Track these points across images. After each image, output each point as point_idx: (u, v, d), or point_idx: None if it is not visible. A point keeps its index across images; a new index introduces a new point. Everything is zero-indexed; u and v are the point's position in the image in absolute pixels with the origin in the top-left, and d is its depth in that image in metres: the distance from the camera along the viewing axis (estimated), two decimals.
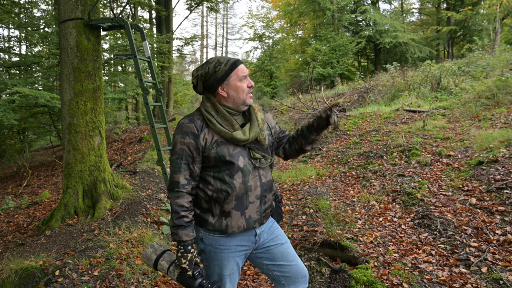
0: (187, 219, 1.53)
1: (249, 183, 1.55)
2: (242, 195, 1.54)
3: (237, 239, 1.61)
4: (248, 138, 1.54)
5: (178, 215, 1.51)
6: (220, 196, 1.53)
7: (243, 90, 1.56)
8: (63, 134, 4.40)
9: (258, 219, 1.60)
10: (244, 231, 1.60)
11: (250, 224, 1.58)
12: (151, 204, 4.62)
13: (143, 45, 4.19)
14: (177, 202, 1.52)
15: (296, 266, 1.71)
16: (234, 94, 1.56)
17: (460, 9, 19.82)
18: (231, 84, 1.56)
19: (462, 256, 2.79)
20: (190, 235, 1.53)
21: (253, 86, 1.60)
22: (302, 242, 3.35)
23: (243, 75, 1.56)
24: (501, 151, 4.48)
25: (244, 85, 1.57)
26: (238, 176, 1.53)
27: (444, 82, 10.11)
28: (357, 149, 6.49)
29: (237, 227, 1.56)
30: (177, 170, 1.54)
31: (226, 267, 1.61)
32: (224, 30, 40.17)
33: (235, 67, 1.55)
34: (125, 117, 13.64)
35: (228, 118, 1.55)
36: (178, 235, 1.51)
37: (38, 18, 10.18)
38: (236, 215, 1.55)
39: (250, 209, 1.57)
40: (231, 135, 1.52)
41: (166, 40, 13.63)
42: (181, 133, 1.54)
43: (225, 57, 1.58)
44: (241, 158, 1.54)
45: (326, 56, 20.11)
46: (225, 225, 1.56)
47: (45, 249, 3.44)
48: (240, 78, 1.56)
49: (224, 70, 1.54)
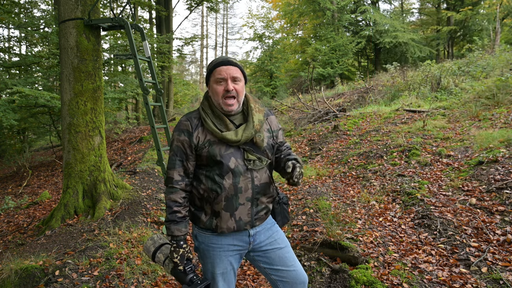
0: (179, 214, 1.55)
1: (240, 184, 1.53)
2: (231, 196, 1.53)
3: (229, 238, 1.61)
4: (239, 140, 1.53)
5: (171, 210, 1.54)
6: (210, 195, 1.54)
7: (217, 93, 1.54)
8: (63, 134, 4.40)
9: (249, 222, 1.59)
10: (235, 232, 1.60)
11: (240, 226, 1.57)
12: (151, 204, 4.62)
13: (143, 45, 4.19)
14: (170, 198, 1.55)
15: (294, 272, 1.68)
16: (212, 95, 1.58)
17: (460, 9, 19.82)
18: (211, 84, 1.58)
19: (462, 256, 2.79)
20: (182, 231, 1.55)
21: (230, 91, 1.52)
22: (302, 242, 3.35)
23: (220, 78, 1.53)
24: (501, 151, 4.48)
25: (219, 88, 1.53)
26: (228, 176, 1.52)
27: (444, 82, 10.11)
28: (357, 149, 6.49)
29: (226, 228, 1.56)
30: (172, 166, 1.57)
31: (219, 265, 1.61)
32: (224, 30, 40.18)
33: (215, 68, 1.55)
34: (125, 117, 13.64)
35: (222, 117, 1.55)
36: (170, 229, 1.54)
37: (38, 18, 10.18)
38: (226, 216, 1.55)
39: (240, 211, 1.56)
40: (221, 135, 1.52)
41: (166, 40, 13.63)
42: (177, 131, 1.58)
43: (221, 57, 1.59)
44: (233, 159, 1.53)
45: (326, 56, 20.12)
46: (215, 225, 1.57)
47: (45, 249, 3.44)
48: (216, 80, 1.54)
49: (208, 69, 1.58)
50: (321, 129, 8.81)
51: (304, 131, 9.20)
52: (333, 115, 9.90)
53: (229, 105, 1.54)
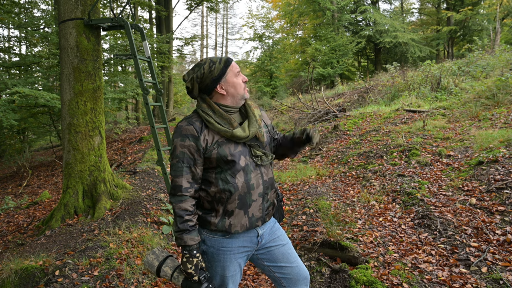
0: (191, 223, 1.50)
1: (251, 181, 1.55)
2: (245, 194, 1.54)
3: (239, 240, 1.60)
4: (248, 135, 1.55)
5: (183, 220, 1.49)
6: (223, 196, 1.52)
7: (240, 85, 1.59)
8: (63, 134, 4.40)
9: (261, 217, 1.60)
10: (246, 231, 1.59)
11: (252, 222, 1.58)
12: (151, 204, 4.62)
13: (143, 45, 4.19)
14: (180, 206, 1.49)
15: (297, 267, 1.71)
16: (233, 90, 1.59)
17: (460, 9, 19.84)
18: (228, 81, 1.57)
19: (462, 256, 2.79)
20: (195, 239, 1.50)
21: (247, 81, 1.64)
22: (302, 242, 3.35)
23: (238, 71, 1.60)
24: (501, 151, 4.48)
25: (240, 80, 1.60)
26: (240, 175, 1.52)
27: (444, 82, 10.11)
28: (357, 149, 6.49)
29: (240, 226, 1.55)
30: (179, 173, 1.51)
31: (229, 268, 1.60)
32: (224, 30, 40.22)
33: (229, 63, 1.58)
34: (125, 117, 13.64)
35: (226, 116, 1.55)
36: (183, 239, 1.48)
37: (38, 18, 10.17)
38: (240, 213, 1.54)
39: (253, 208, 1.57)
40: (231, 133, 1.52)
41: (166, 40, 13.63)
42: (180, 136, 1.52)
43: (216, 56, 1.60)
44: (243, 157, 1.54)
45: (326, 56, 20.12)
46: (228, 225, 1.55)
47: (45, 249, 3.44)
48: (235, 74, 1.59)
49: (220, 68, 1.56)
50: (321, 129, 8.81)
51: None
52: (333, 115, 9.90)
53: (248, 91, 1.65)
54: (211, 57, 1.59)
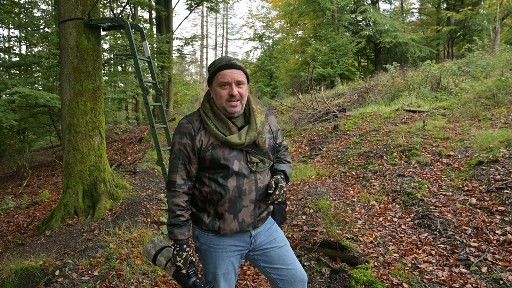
0: (182, 218, 1.54)
1: (244, 187, 1.53)
2: (235, 198, 1.53)
3: (231, 239, 1.61)
4: (243, 142, 1.52)
5: (174, 214, 1.54)
6: (214, 197, 1.54)
7: (221, 96, 1.52)
8: (63, 134, 4.40)
9: (252, 223, 1.59)
10: (237, 233, 1.60)
11: (243, 227, 1.57)
12: (151, 204, 4.62)
13: (143, 45, 4.19)
14: (173, 201, 1.54)
15: (294, 270, 1.69)
16: (215, 98, 1.55)
17: (460, 9, 19.84)
18: (214, 87, 1.56)
19: (462, 256, 2.79)
20: (186, 234, 1.54)
21: (235, 95, 1.50)
22: (302, 242, 3.35)
23: (224, 82, 1.50)
24: (501, 151, 4.48)
25: (224, 92, 1.51)
26: (232, 179, 1.52)
27: (444, 82, 10.11)
28: (357, 149, 6.49)
29: (229, 229, 1.56)
30: (174, 170, 1.55)
31: (220, 266, 1.61)
32: (224, 30, 40.20)
33: (219, 71, 1.51)
34: (125, 117, 13.64)
35: (224, 120, 1.53)
36: (173, 233, 1.54)
37: (38, 18, 10.17)
38: (229, 218, 1.55)
39: (244, 213, 1.56)
40: (225, 139, 1.51)
41: (166, 40, 13.63)
42: (179, 134, 1.56)
43: (225, 58, 1.55)
44: (237, 162, 1.52)
45: (326, 56, 20.13)
46: (218, 227, 1.56)
47: (45, 249, 3.44)
48: (220, 83, 1.51)
49: (211, 71, 1.55)
50: (321, 129, 8.81)
51: (304, 131, 9.20)
52: (333, 115, 9.90)
53: (233, 106, 1.52)
54: (222, 57, 1.57)
